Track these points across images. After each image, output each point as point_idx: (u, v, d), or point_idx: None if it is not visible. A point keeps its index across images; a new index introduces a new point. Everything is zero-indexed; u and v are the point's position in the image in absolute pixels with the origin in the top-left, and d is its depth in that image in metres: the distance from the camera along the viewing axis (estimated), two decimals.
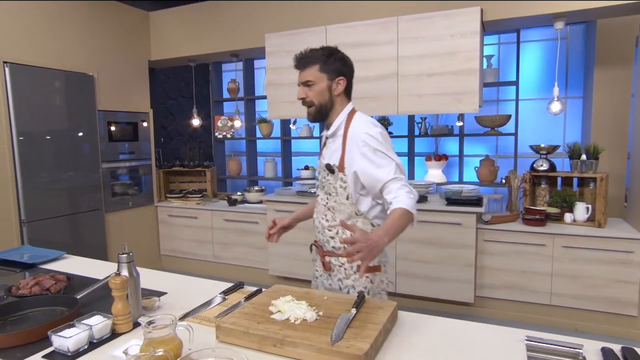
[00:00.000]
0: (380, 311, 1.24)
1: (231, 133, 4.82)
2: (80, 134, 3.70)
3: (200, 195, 4.50)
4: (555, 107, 3.13)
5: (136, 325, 1.27)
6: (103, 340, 1.18)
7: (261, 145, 5.06)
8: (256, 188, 4.36)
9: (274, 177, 4.70)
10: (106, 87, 3.94)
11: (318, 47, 1.57)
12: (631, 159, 3.19)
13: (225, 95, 5.05)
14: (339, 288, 1.60)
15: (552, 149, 3.25)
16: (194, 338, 1.08)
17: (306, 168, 4.46)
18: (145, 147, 4.39)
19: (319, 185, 1.68)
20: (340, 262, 1.59)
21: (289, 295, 1.32)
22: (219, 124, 4.81)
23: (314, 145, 4.72)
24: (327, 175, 1.60)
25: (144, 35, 4.40)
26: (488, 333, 1.23)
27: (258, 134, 4.83)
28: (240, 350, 1.00)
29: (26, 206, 3.25)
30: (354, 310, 1.22)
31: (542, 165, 3.21)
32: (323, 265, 1.63)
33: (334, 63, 1.54)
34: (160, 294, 1.54)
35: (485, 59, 3.64)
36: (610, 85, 3.43)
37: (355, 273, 1.57)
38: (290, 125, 4.61)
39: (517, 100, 3.63)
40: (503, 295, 3.17)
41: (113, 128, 4.02)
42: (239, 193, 4.46)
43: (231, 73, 5.16)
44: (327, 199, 1.62)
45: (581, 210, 3.04)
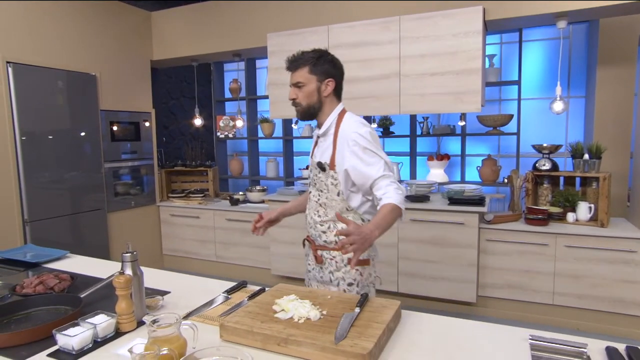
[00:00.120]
0: (384, 310, 1.24)
1: (233, 133, 4.83)
2: (83, 133, 3.71)
3: (202, 195, 4.51)
4: (558, 106, 3.12)
5: (140, 324, 1.27)
6: (107, 339, 1.19)
7: (263, 145, 5.06)
8: (258, 188, 4.37)
9: (276, 176, 4.70)
10: (108, 87, 3.95)
11: (309, 50, 1.63)
12: (634, 158, 3.18)
13: (227, 95, 5.06)
14: (330, 280, 1.66)
15: (554, 149, 3.24)
16: (198, 337, 1.08)
17: (308, 168, 4.46)
18: (147, 146, 4.40)
19: (311, 182, 1.74)
20: (331, 256, 1.65)
21: (292, 295, 1.32)
22: (221, 123, 4.82)
23: None
24: (319, 172, 1.66)
25: (146, 35, 4.41)
26: (492, 332, 1.23)
27: (260, 134, 4.83)
28: (244, 349, 1.00)
29: (29, 205, 3.26)
30: (357, 309, 1.22)
31: (544, 165, 3.21)
32: (315, 258, 1.69)
33: (324, 65, 1.60)
34: (163, 293, 1.54)
35: (487, 59, 3.64)
36: (612, 85, 3.42)
37: (345, 265, 1.63)
38: (292, 125, 4.62)
39: (519, 99, 3.63)
40: (505, 295, 3.17)
41: (115, 128, 4.03)
42: (241, 193, 4.47)
43: (233, 73, 5.17)
44: (318, 195, 1.67)
45: (584, 209, 3.04)
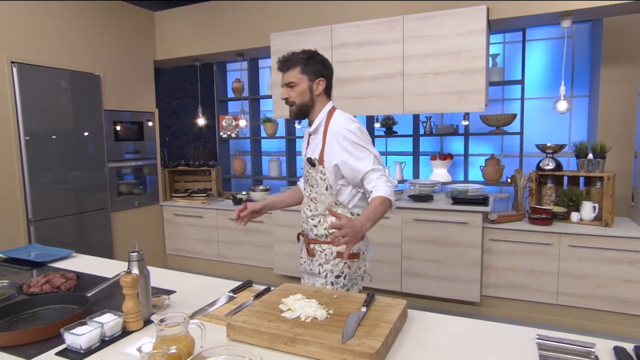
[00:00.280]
0: (390, 310, 1.24)
1: (236, 132, 4.83)
2: (86, 133, 3.72)
3: (205, 195, 4.51)
4: (562, 105, 3.11)
5: (146, 323, 1.28)
6: (114, 338, 1.19)
7: (265, 144, 5.07)
8: (261, 187, 4.36)
9: (279, 176, 4.70)
10: (112, 87, 3.96)
11: (299, 51, 1.68)
12: (638, 158, 3.17)
13: (230, 94, 5.06)
14: (318, 272, 1.73)
15: (558, 148, 3.24)
16: (206, 336, 1.08)
17: None
18: (150, 146, 4.41)
19: (304, 178, 1.80)
20: (321, 249, 1.72)
21: (298, 294, 1.32)
22: (224, 123, 4.82)
23: None
24: (310, 168, 1.72)
25: (149, 35, 4.41)
26: (498, 332, 1.23)
27: (262, 134, 4.84)
28: (252, 348, 1.00)
29: (33, 205, 3.27)
30: (364, 309, 1.22)
31: (548, 165, 3.20)
32: (307, 251, 1.76)
33: (314, 65, 1.65)
34: (169, 292, 1.55)
35: (490, 58, 3.63)
36: (617, 84, 3.41)
37: (334, 258, 1.69)
38: (295, 125, 4.62)
39: (522, 99, 3.62)
40: (509, 295, 3.16)
41: (118, 127, 4.03)
42: (244, 192, 4.47)
43: (236, 72, 5.17)
44: (310, 190, 1.74)
45: (588, 209, 3.03)
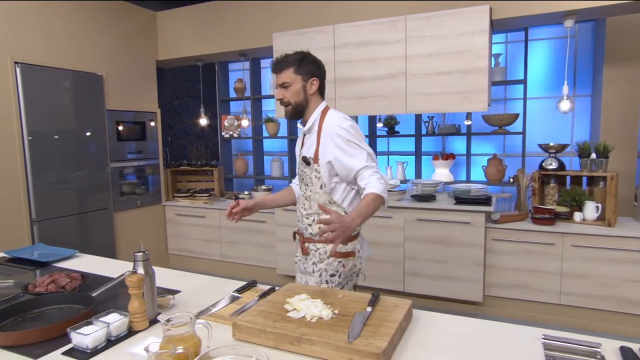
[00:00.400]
0: (395, 309, 1.24)
1: (238, 132, 4.83)
2: (89, 133, 3.72)
3: (207, 195, 4.51)
4: (565, 105, 3.11)
5: (152, 323, 1.28)
6: (120, 338, 1.19)
7: (268, 144, 5.07)
8: (263, 187, 4.37)
9: (281, 176, 4.70)
10: (114, 87, 3.96)
11: (291, 52, 1.70)
12: None
13: (232, 94, 5.07)
14: (312, 271, 1.73)
15: (561, 148, 3.23)
16: (212, 336, 1.08)
17: None
18: (152, 146, 4.41)
19: (299, 177, 1.82)
20: (315, 247, 1.73)
21: (304, 294, 1.32)
22: (226, 123, 4.82)
23: None
24: (305, 167, 1.73)
25: (152, 35, 4.42)
26: (504, 332, 1.23)
27: (265, 133, 4.84)
28: (259, 348, 1.00)
29: (36, 205, 3.27)
30: (369, 309, 1.22)
31: (551, 164, 3.20)
32: (302, 250, 1.78)
33: (307, 65, 1.68)
34: (174, 292, 1.55)
35: (492, 58, 3.63)
36: (619, 83, 3.41)
37: (328, 257, 1.70)
38: (297, 125, 4.62)
39: (525, 98, 3.62)
40: (512, 295, 3.16)
41: (121, 127, 4.04)
42: (246, 192, 4.47)
43: (238, 72, 5.17)
44: (305, 189, 1.76)
45: (591, 209, 3.02)
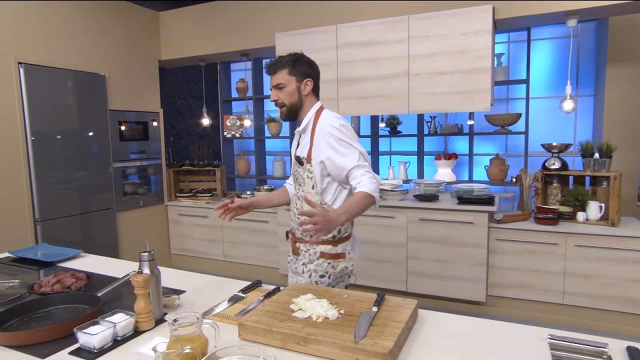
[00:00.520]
0: (401, 309, 1.24)
1: (240, 132, 4.83)
2: (91, 133, 3.73)
3: (209, 195, 4.52)
4: (568, 105, 3.11)
5: (158, 323, 1.28)
6: (126, 338, 1.19)
7: (270, 144, 5.07)
8: (265, 187, 4.37)
9: (283, 176, 4.70)
10: (117, 87, 3.97)
11: (285, 54, 1.71)
12: None
13: (234, 94, 5.07)
14: (302, 271, 1.73)
15: (564, 148, 3.23)
16: (219, 336, 1.09)
17: None
18: (155, 146, 4.41)
19: (293, 177, 1.83)
20: (306, 248, 1.72)
21: (309, 294, 1.32)
22: (228, 123, 4.82)
23: None
24: (298, 167, 1.74)
25: (154, 35, 4.42)
26: (510, 332, 1.23)
27: (267, 133, 4.84)
28: (266, 348, 1.01)
29: (40, 205, 3.28)
30: (375, 309, 1.22)
31: (554, 164, 3.19)
32: (292, 249, 1.79)
33: (301, 66, 1.69)
34: (179, 292, 1.55)
35: (495, 58, 3.63)
36: (622, 83, 3.40)
37: (318, 258, 1.69)
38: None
39: (527, 98, 3.61)
40: (515, 295, 3.16)
41: (123, 127, 4.04)
42: (248, 192, 4.47)
43: (240, 72, 5.17)
44: (298, 189, 1.77)
45: (594, 209, 3.02)
